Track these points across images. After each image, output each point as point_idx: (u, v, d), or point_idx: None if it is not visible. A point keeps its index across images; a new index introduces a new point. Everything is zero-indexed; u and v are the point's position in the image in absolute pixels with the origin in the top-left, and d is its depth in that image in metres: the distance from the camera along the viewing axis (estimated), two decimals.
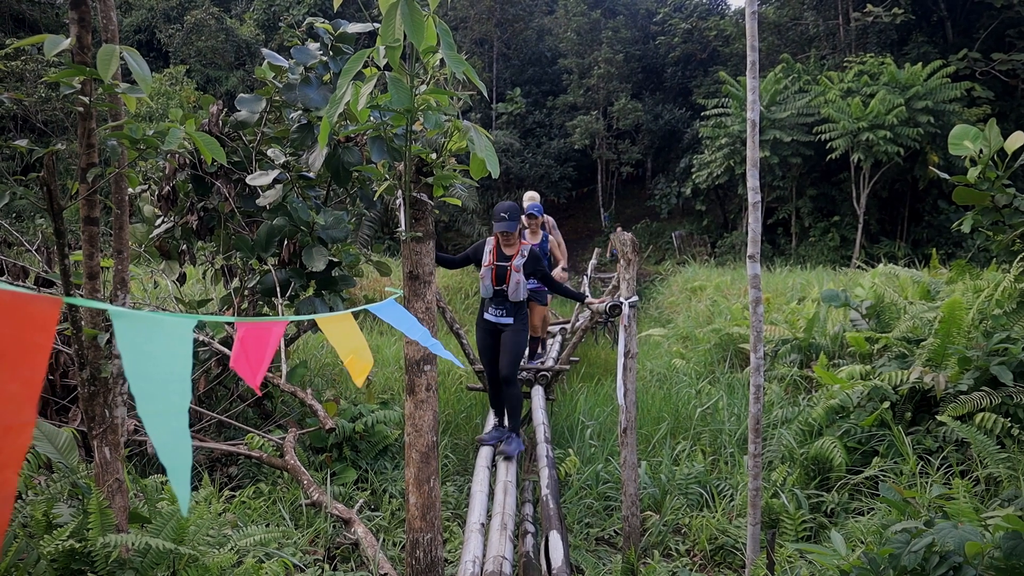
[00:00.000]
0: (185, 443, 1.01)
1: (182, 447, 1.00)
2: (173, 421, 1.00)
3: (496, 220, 4.63)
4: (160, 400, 1.00)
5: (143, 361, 0.97)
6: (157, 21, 31.10)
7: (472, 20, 31.49)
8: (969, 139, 4.46)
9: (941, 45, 23.51)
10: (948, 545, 2.34)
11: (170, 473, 0.98)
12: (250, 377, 1.27)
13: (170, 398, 1.01)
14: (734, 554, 3.93)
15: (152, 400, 0.99)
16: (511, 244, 4.69)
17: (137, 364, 0.97)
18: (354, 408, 5.08)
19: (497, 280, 4.68)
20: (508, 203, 4.73)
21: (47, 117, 19.92)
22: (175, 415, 1.01)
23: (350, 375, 1.67)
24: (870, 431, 4.53)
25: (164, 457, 0.98)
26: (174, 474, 0.98)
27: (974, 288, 5.74)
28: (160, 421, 0.99)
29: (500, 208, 4.64)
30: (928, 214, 21.51)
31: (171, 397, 1.01)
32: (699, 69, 31.94)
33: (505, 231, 4.60)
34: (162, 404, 1.00)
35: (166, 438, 0.99)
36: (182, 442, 1.00)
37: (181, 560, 2.65)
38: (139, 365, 0.98)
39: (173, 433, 1.00)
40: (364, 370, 1.60)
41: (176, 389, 1.01)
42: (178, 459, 0.99)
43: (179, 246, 5.01)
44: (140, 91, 2.25)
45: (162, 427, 0.99)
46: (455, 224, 24.77)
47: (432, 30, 2.26)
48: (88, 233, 2.46)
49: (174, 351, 1.01)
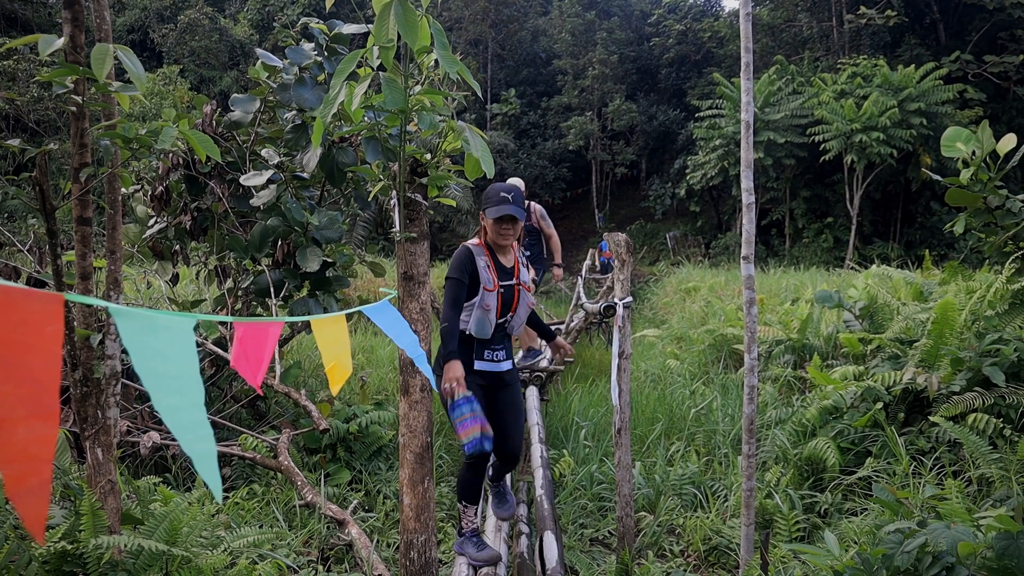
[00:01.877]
0: (207, 433, 1.01)
1: (204, 438, 1.01)
2: (191, 414, 1.01)
3: (494, 204, 3.07)
4: (175, 394, 1.00)
5: (151, 357, 0.97)
6: (150, 21, 31.01)
7: (467, 21, 31.50)
8: (962, 141, 4.49)
9: (934, 47, 23.64)
10: (941, 545, 2.35)
11: (196, 463, 0.99)
12: (251, 376, 1.27)
13: (184, 392, 1.01)
14: (728, 555, 3.94)
15: (167, 395, 1.00)
16: (507, 250, 3.21)
17: (146, 361, 0.97)
18: (348, 409, 5.07)
19: (503, 308, 3.17)
20: (506, 184, 3.22)
21: (39, 117, 19.84)
22: (192, 408, 1.01)
23: (328, 381, 1.67)
24: (863, 432, 4.54)
25: (188, 449, 0.99)
26: (200, 464, 0.99)
27: (967, 289, 5.76)
28: (179, 415, 1.00)
29: (498, 188, 3.12)
30: (921, 215, 21.62)
31: (185, 392, 1.02)
32: (693, 70, 32.04)
33: (510, 216, 3.06)
34: (177, 398, 1.01)
35: (187, 431, 1.00)
36: (204, 433, 1.01)
37: (174, 562, 2.64)
38: (148, 361, 0.98)
39: (193, 425, 1.01)
40: (342, 378, 1.61)
41: (188, 383, 1.02)
42: (202, 450, 1.00)
43: (172, 246, 5.00)
44: (134, 89, 2.25)
45: (181, 420, 1.00)
46: (450, 224, 24.78)
47: (426, 30, 2.25)
48: (81, 233, 2.45)
49: (179, 347, 1.02)
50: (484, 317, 3.08)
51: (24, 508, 0.79)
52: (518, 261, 3.27)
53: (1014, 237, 4.56)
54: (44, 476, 0.81)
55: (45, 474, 0.81)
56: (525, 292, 3.25)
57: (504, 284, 3.16)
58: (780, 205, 23.65)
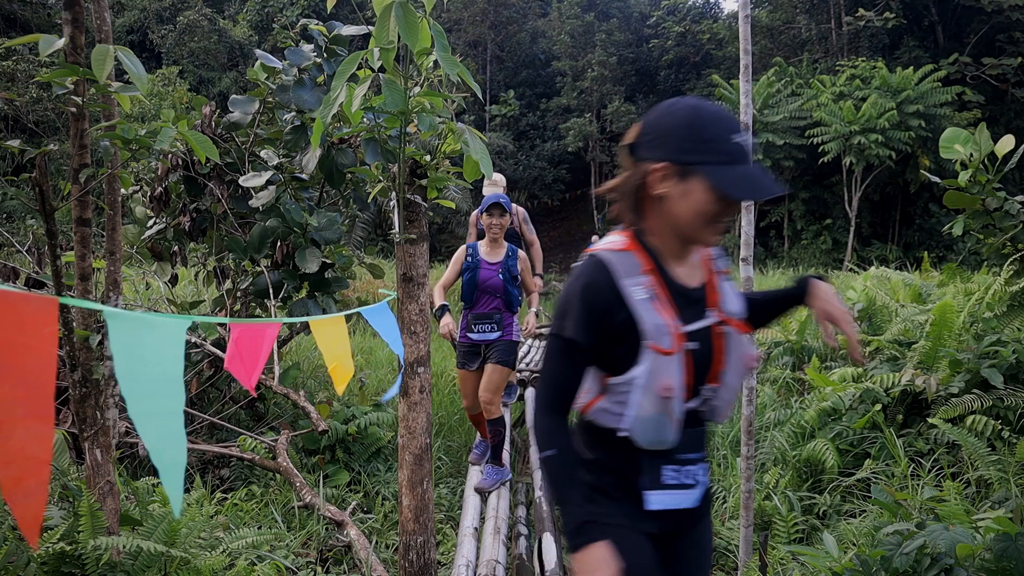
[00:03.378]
0: (179, 444, 1.00)
1: (175, 448, 1.00)
2: (165, 422, 1.00)
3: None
4: (152, 401, 1.00)
5: (135, 362, 0.97)
6: (150, 22, 31.01)
7: (466, 22, 31.53)
8: (960, 143, 4.49)
9: (932, 50, 23.70)
10: (939, 547, 2.35)
11: (162, 474, 0.98)
12: (245, 378, 1.27)
13: (162, 399, 1.01)
14: (727, 556, 3.94)
15: (143, 401, 0.99)
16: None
17: (128, 365, 0.97)
18: (347, 410, 5.07)
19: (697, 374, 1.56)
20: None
21: (38, 117, 19.84)
22: (168, 416, 1.01)
23: (333, 381, 1.67)
24: (862, 433, 4.54)
25: (156, 458, 0.98)
26: (166, 475, 0.98)
27: (965, 291, 5.77)
28: (152, 422, 0.99)
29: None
30: (919, 217, 21.66)
31: (163, 398, 1.01)
32: (692, 72, 32.07)
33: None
34: (154, 405, 1.00)
35: (158, 439, 0.99)
36: (175, 443, 1.00)
37: (172, 563, 2.64)
38: (130, 366, 0.97)
39: (166, 434, 1.00)
40: (345, 378, 1.61)
41: (169, 390, 1.01)
42: (171, 460, 0.99)
43: (171, 247, 4.99)
44: (135, 90, 2.25)
45: (154, 428, 0.99)
46: (448, 226, 24.80)
47: (426, 32, 2.26)
48: (80, 234, 2.45)
49: (167, 352, 1.01)
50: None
51: (20, 510, 0.79)
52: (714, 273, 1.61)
53: (1012, 239, 4.57)
54: (42, 477, 0.81)
55: (43, 475, 0.81)
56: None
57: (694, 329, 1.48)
58: (779, 207, 23.67)
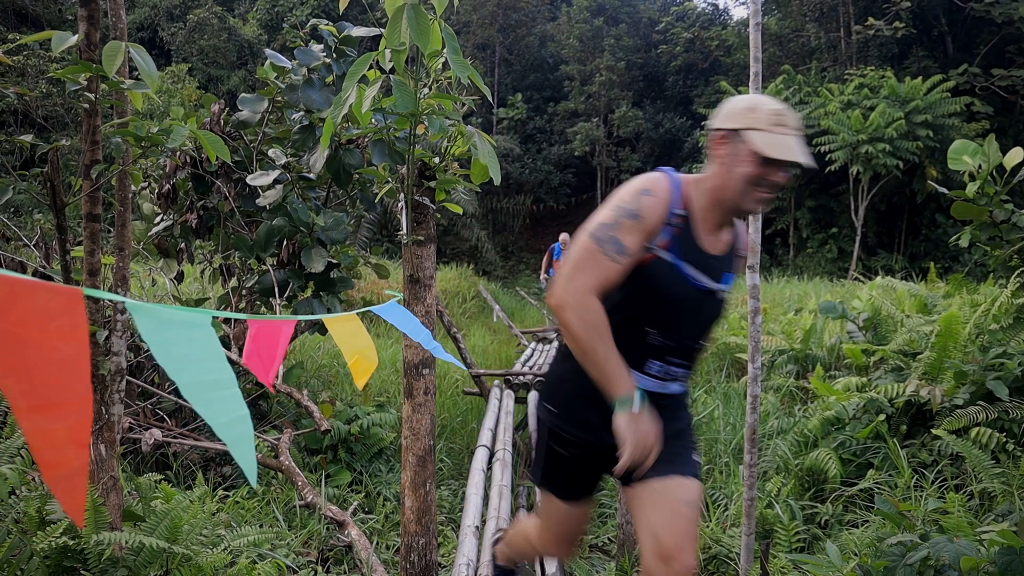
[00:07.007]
0: (243, 415, 1.00)
1: (240, 420, 1.00)
2: (223, 395, 1.01)
3: None
4: (203, 378, 1.00)
5: (173, 346, 0.97)
6: (160, 19, 31.13)
7: (475, 25, 31.56)
8: (968, 154, 4.48)
9: (941, 60, 23.64)
10: (943, 559, 2.34)
11: (232, 449, 0.98)
12: (263, 374, 1.27)
13: (213, 374, 1.01)
14: (728, 564, 3.93)
15: (194, 380, 0.99)
16: None
17: (168, 350, 0.97)
18: (350, 410, 5.07)
19: None
20: None
21: (48, 113, 19.91)
22: (223, 389, 1.01)
23: (352, 376, 1.65)
24: (865, 443, 4.53)
25: (223, 434, 0.98)
26: (236, 449, 0.98)
27: (971, 303, 5.75)
28: (209, 396, 0.99)
29: None
30: (926, 228, 21.59)
31: (214, 373, 1.01)
32: (700, 78, 32.03)
33: None
34: (206, 381, 1.00)
35: (220, 414, 0.99)
36: (239, 415, 1.00)
37: (174, 559, 2.64)
38: (171, 350, 0.97)
39: (227, 407, 1.00)
40: (367, 371, 1.58)
41: (215, 368, 1.01)
42: (238, 433, 1.00)
43: (177, 244, 5.01)
44: (146, 87, 2.26)
45: (213, 403, 0.99)
46: (454, 228, 24.80)
47: (437, 34, 2.26)
48: (90, 230, 2.46)
49: (201, 339, 1.01)
50: None
51: (62, 494, 0.81)
52: None
53: (1019, 251, 4.55)
54: (81, 461, 0.82)
55: (82, 459, 0.83)
56: None
57: None
58: (784, 215, 23.64)
